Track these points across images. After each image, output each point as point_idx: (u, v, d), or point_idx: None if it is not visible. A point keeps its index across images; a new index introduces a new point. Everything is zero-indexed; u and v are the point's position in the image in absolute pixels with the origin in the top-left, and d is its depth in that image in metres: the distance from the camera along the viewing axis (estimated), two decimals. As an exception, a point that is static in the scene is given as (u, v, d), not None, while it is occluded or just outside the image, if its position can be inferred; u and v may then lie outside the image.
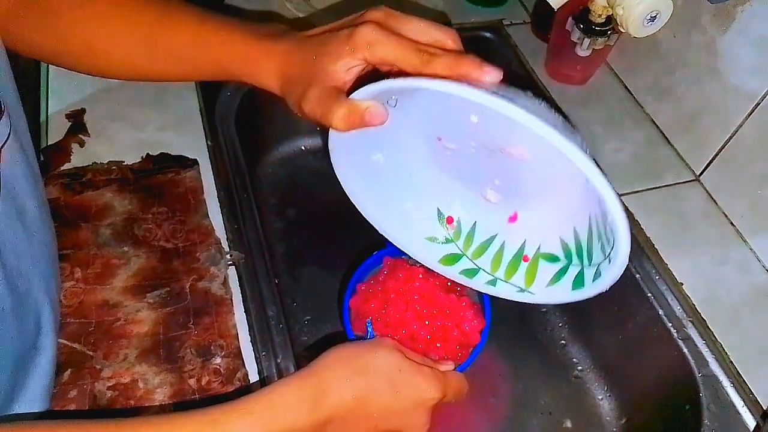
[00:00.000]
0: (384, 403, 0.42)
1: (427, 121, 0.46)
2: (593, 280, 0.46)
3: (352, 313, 0.55)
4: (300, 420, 0.39)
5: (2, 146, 0.40)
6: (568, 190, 0.45)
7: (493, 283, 0.51)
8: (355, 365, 0.42)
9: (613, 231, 0.40)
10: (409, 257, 0.55)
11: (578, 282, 0.47)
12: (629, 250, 0.40)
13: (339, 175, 0.49)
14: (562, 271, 0.48)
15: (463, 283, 0.53)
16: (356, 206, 0.51)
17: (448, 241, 0.53)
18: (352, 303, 0.55)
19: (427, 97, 0.41)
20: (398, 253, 0.56)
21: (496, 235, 0.52)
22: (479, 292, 0.55)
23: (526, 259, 0.50)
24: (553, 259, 0.49)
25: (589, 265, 0.46)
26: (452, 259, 0.52)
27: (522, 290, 0.50)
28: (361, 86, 0.40)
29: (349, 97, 0.40)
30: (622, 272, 0.43)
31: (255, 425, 0.38)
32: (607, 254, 0.44)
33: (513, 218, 0.51)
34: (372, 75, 0.43)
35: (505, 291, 0.51)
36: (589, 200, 0.44)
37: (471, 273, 0.52)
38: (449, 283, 0.55)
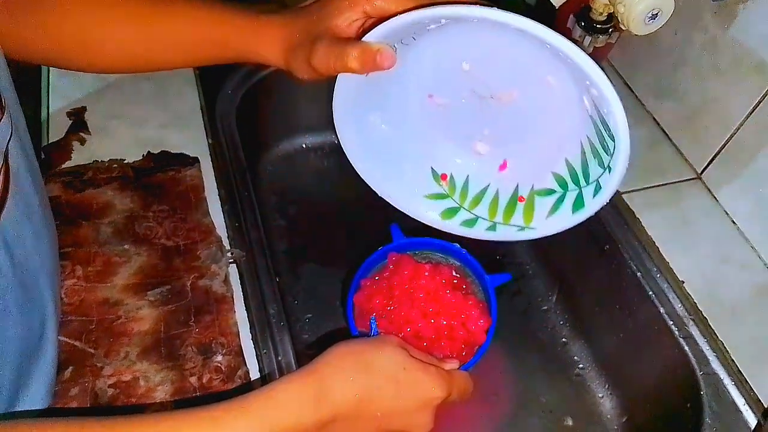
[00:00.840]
0: (388, 403, 0.41)
1: (420, 76, 0.48)
2: (594, 196, 0.47)
3: (356, 309, 0.55)
4: (302, 419, 0.38)
5: (8, 143, 0.40)
6: (558, 121, 0.47)
7: (493, 228, 0.52)
8: (358, 363, 0.41)
9: (612, 124, 0.41)
10: (415, 253, 0.56)
11: (578, 204, 0.48)
12: (629, 142, 0.43)
13: (341, 139, 0.50)
14: (560, 200, 0.49)
15: (464, 234, 0.53)
16: (357, 170, 0.52)
17: (444, 196, 0.54)
18: (356, 299, 0.55)
19: (421, 47, 0.43)
20: (403, 248, 0.57)
21: (489, 184, 0.53)
22: (485, 291, 0.56)
23: (521, 199, 0.52)
24: (548, 192, 0.50)
25: (587, 184, 0.47)
26: (451, 212, 0.53)
27: (522, 228, 0.51)
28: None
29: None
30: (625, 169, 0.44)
31: (256, 424, 0.37)
32: (606, 164, 0.45)
33: (503, 166, 0.52)
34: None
35: (505, 233, 0.52)
36: (580, 123, 0.45)
37: (470, 223, 0.53)
38: (455, 281, 0.55)
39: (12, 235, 0.39)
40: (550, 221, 0.50)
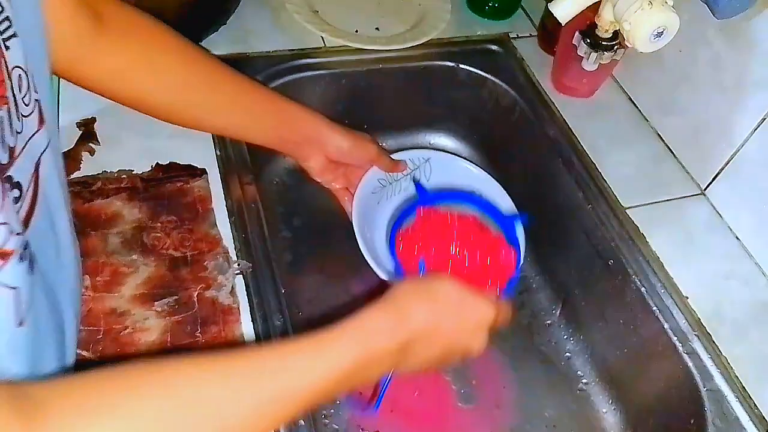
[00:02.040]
0: (452, 325, 0.48)
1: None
2: None
3: (398, 258, 0.61)
4: (387, 342, 0.44)
5: (40, 156, 0.40)
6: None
7: None
8: (425, 293, 0.48)
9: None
10: (439, 205, 0.63)
11: None
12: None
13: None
14: None
15: None
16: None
17: None
18: (397, 250, 0.61)
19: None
20: (429, 202, 0.63)
21: None
22: (509, 227, 0.63)
23: None
24: None
25: None
26: None
27: None
28: None
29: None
30: None
31: (353, 346, 0.42)
32: None
33: None
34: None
35: None
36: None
37: None
38: (479, 225, 0.62)
39: (35, 246, 0.40)
40: None
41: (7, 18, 0.35)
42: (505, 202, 0.71)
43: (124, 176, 0.65)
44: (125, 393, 0.33)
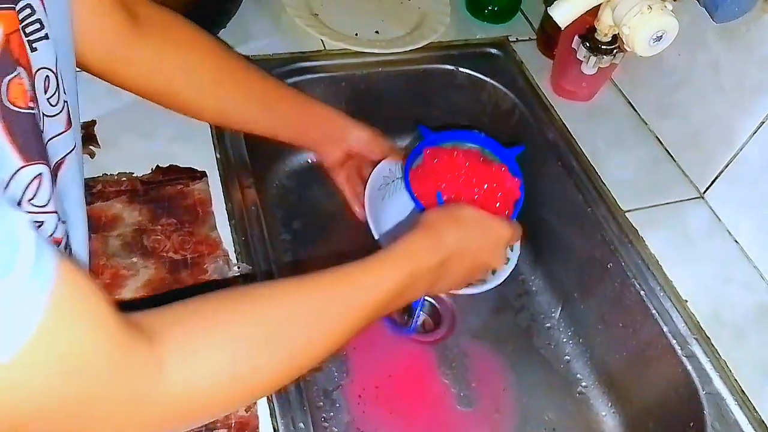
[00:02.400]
0: (478, 242, 0.56)
1: None
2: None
3: (414, 189, 0.67)
4: (429, 260, 0.51)
5: (64, 157, 0.40)
6: None
7: None
8: (453, 219, 0.55)
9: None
10: (444, 144, 0.69)
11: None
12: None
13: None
14: None
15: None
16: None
17: None
18: (414, 187, 0.67)
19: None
20: (434, 142, 0.69)
21: None
22: (509, 159, 0.69)
23: None
24: None
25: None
26: None
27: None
28: None
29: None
30: None
31: (404, 265, 0.49)
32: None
33: None
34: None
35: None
36: None
37: None
38: (482, 158, 0.68)
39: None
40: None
41: (38, 20, 0.35)
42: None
43: (124, 179, 0.65)
44: (227, 315, 0.37)
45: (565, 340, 0.79)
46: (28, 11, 0.34)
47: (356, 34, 0.85)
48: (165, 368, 0.31)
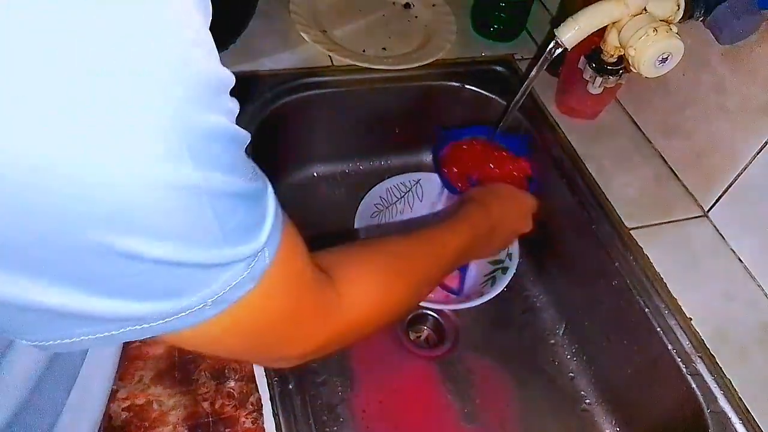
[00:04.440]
0: (515, 212, 0.68)
1: None
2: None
3: (448, 178, 0.77)
4: (483, 226, 0.62)
5: None
6: None
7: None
8: (492, 194, 0.67)
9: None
10: (462, 140, 0.79)
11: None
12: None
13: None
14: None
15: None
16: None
17: None
18: (445, 171, 0.77)
19: None
20: (455, 137, 0.79)
21: None
22: (518, 145, 0.78)
23: None
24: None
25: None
26: None
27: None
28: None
29: None
30: None
31: (468, 229, 0.59)
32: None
33: None
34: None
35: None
36: None
37: None
38: (497, 149, 0.77)
39: None
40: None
41: None
42: None
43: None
44: (371, 255, 0.48)
45: (569, 356, 0.79)
46: None
47: (364, 51, 0.86)
48: (340, 295, 0.41)
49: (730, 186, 0.72)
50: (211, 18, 0.27)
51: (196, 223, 0.27)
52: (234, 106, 0.29)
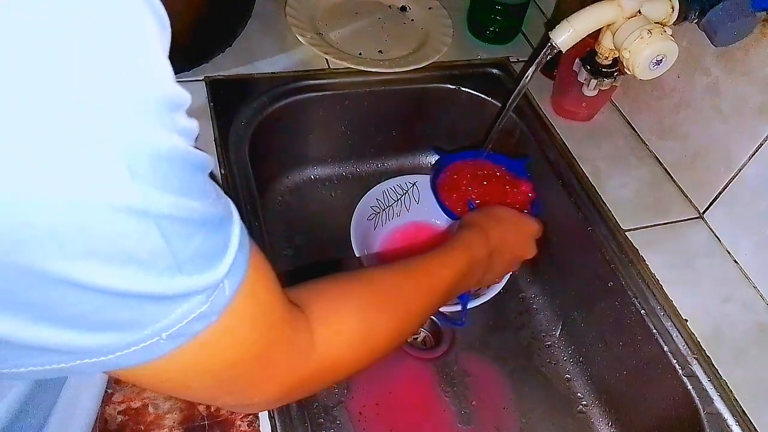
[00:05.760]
0: (514, 237, 0.64)
1: None
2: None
3: (446, 203, 0.74)
4: (481, 251, 0.59)
5: None
6: None
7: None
8: (494, 217, 0.64)
9: None
10: (460, 161, 0.77)
11: None
12: None
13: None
14: None
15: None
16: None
17: None
18: (442, 197, 0.75)
19: None
20: (453, 160, 0.77)
21: None
22: (517, 168, 0.76)
23: None
24: None
25: None
26: None
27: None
28: None
29: None
30: None
31: (463, 255, 0.56)
32: None
33: None
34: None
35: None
36: None
37: None
38: (496, 171, 0.76)
39: None
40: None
41: None
42: None
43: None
44: (350, 288, 0.44)
45: (565, 358, 0.79)
46: None
47: (360, 54, 0.86)
48: (314, 334, 0.38)
49: (725, 188, 0.72)
50: (169, 34, 0.26)
51: (142, 248, 0.25)
52: (191, 126, 0.27)
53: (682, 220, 0.75)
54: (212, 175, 0.29)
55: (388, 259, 0.79)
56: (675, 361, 0.63)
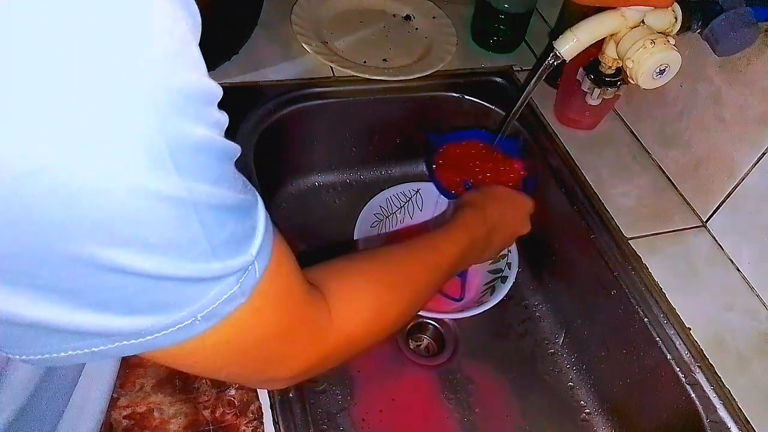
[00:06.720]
0: (511, 215, 0.67)
1: None
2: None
3: (442, 183, 0.76)
4: (480, 230, 0.61)
5: None
6: None
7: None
8: (489, 197, 0.66)
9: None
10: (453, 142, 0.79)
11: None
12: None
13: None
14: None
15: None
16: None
17: None
18: (439, 177, 0.76)
19: None
20: (448, 141, 0.79)
21: None
22: (509, 147, 0.78)
23: None
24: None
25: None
26: None
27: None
28: None
29: None
30: None
31: (465, 235, 0.58)
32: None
33: None
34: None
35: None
36: None
37: None
38: (490, 150, 0.78)
39: None
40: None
41: None
42: None
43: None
44: (363, 267, 0.47)
45: (568, 366, 0.79)
46: None
47: (365, 62, 0.87)
48: (332, 311, 0.40)
49: (728, 196, 0.72)
50: (200, 31, 0.27)
51: (182, 235, 0.26)
52: (222, 118, 0.28)
53: (684, 229, 0.75)
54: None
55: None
56: (678, 369, 0.63)
